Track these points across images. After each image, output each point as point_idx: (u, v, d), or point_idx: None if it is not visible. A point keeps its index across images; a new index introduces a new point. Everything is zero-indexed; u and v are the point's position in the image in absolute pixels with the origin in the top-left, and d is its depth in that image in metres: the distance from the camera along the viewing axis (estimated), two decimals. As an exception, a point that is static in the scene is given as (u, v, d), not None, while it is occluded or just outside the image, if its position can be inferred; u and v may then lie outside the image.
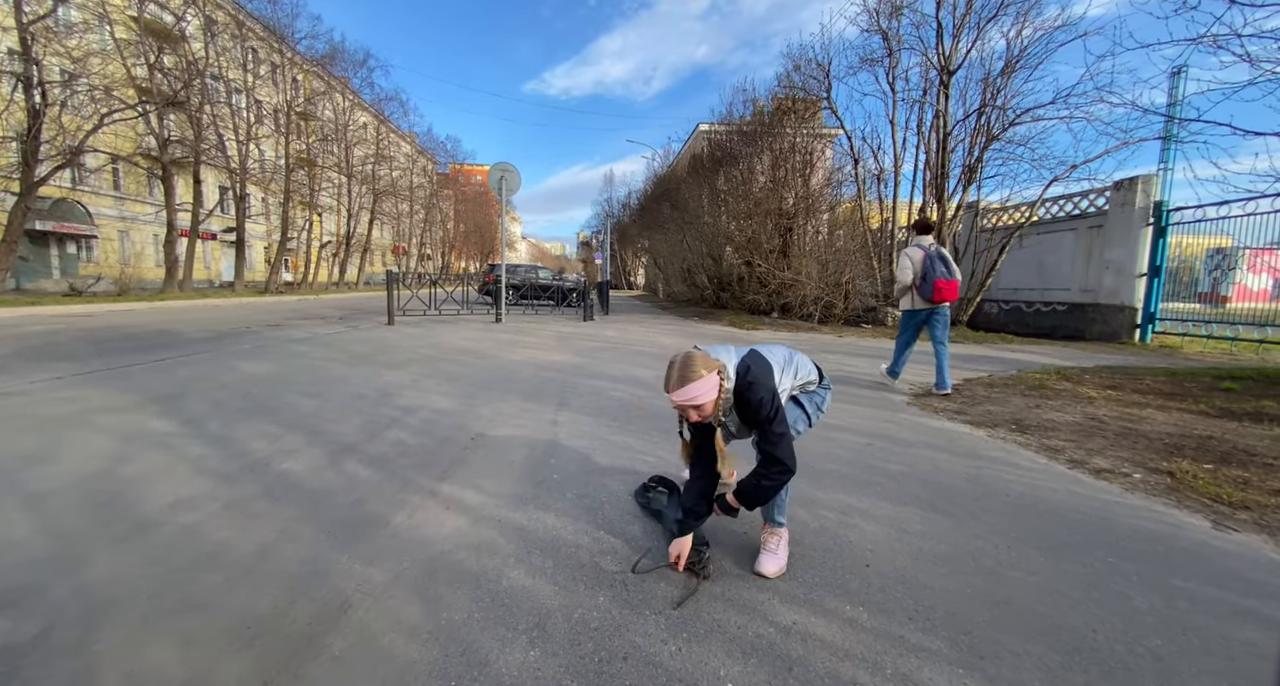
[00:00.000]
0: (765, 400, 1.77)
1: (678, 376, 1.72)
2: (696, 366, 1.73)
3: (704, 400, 1.72)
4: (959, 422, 4.02)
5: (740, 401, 1.80)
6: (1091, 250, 12.56)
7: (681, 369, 1.73)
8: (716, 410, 1.76)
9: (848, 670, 1.36)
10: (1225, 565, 1.99)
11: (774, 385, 1.83)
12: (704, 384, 1.71)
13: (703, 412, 1.75)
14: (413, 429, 3.44)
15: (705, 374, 1.72)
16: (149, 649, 1.38)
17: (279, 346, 7.16)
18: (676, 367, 1.74)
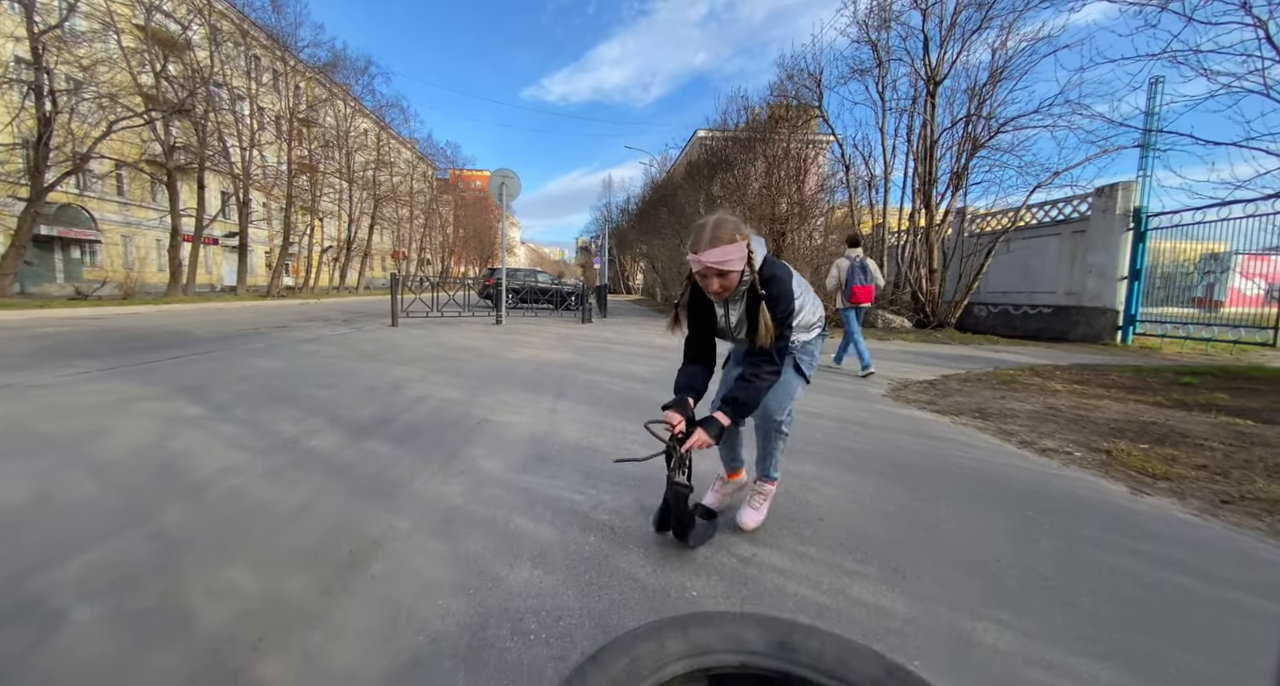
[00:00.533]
0: (784, 297, 1.71)
1: (711, 236, 1.62)
2: (730, 229, 1.64)
3: (732, 267, 1.63)
4: (927, 411, 4.35)
5: (760, 284, 1.70)
6: (1075, 254, 12.93)
7: (715, 229, 1.63)
8: (738, 285, 1.69)
9: (792, 586, 1.68)
10: (1129, 520, 2.31)
11: (792, 291, 1.77)
12: (736, 248, 1.62)
13: (726, 282, 1.67)
14: (423, 414, 3.75)
15: (739, 238, 1.63)
16: (225, 572, 1.70)
17: (289, 346, 7.48)
18: (709, 227, 1.64)
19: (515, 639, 1.40)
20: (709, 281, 1.69)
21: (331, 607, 1.52)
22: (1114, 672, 1.34)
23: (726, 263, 1.63)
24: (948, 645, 1.43)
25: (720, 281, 1.67)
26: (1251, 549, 2.08)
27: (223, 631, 1.40)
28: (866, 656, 1.04)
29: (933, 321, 12.93)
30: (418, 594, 1.59)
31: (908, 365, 7.30)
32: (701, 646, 1.07)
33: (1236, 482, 2.78)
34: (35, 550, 1.79)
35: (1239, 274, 10.82)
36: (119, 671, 1.26)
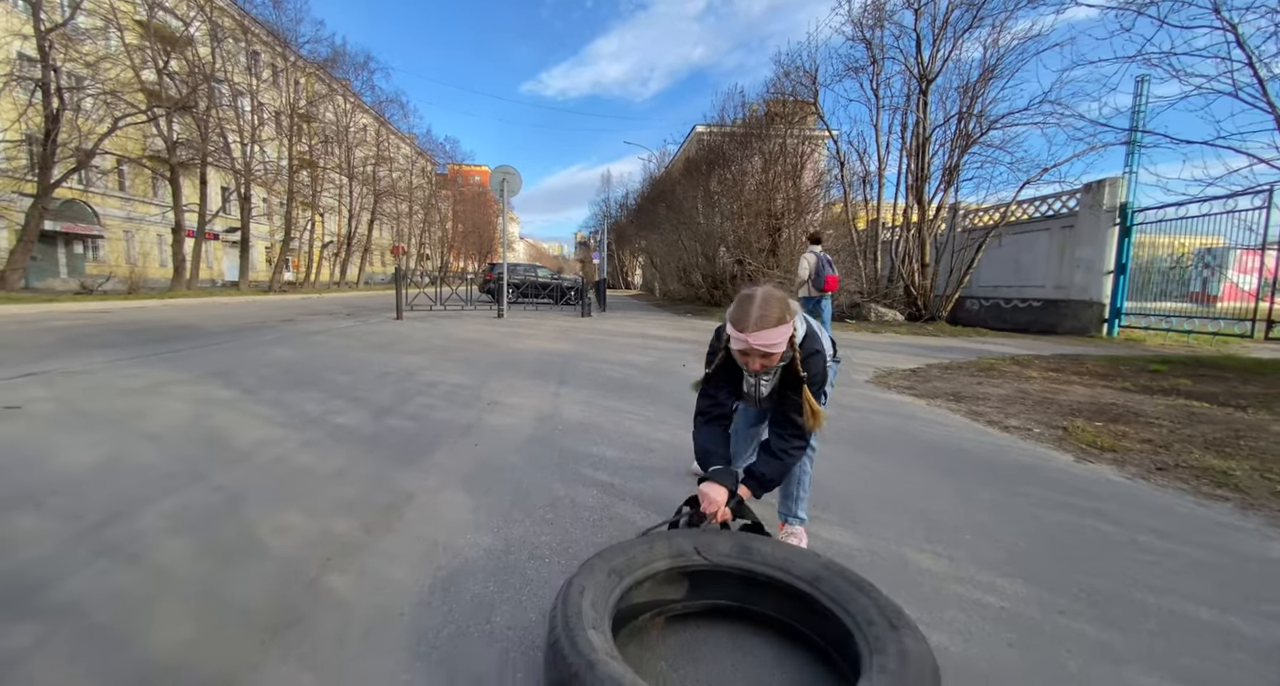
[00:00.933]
0: (821, 368, 1.63)
1: (759, 315, 1.51)
2: (779, 309, 1.53)
3: (778, 349, 1.54)
4: (905, 395, 4.66)
5: (807, 365, 1.61)
6: (1064, 249, 13.23)
7: (763, 307, 1.52)
8: (772, 361, 1.58)
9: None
10: (1067, 482, 2.62)
11: (826, 356, 1.70)
12: (785, 330, 1.53)
13: (769, 362, 1.58)
14: (437, 397, 4.05)
15: (787, 319, 1.54)
16: (281, 516, 2.00)
17: (300, 337, 7.77)
18: (757, 304, 1.53)
19: (532, 561, 1.70)
20: (751, 360, 1.59)
21: (379, 541, 1.82)
22: (1020, 586, 1.65)
23: (774, 345, 1.53)
24: (889, 567, 1.74)
25: (764, 362, 1.58)
26: (1169, 504, 2.39)
27: (294, 555, 1.71)
28: (808, 556, 1.36)
29: (925, 315, 13.24)
30: (450, 532, 1.89)
31: (895, 355, 7.61)
32: (682, 551, 1.39)
33: (1175, 454, 3.09)
34: (118, 500, 2.09)
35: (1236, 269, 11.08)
36: (218, 581, 1.56)
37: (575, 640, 0.99)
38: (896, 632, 1.05)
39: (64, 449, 2.68)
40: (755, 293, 1.57)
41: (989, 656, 1.33)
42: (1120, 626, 1.47)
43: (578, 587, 1.17)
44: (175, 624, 1.37)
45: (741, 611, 1.40)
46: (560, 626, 1.04)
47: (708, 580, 1.39)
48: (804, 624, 1.30)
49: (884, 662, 0.97)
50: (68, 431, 2.98)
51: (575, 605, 1.10)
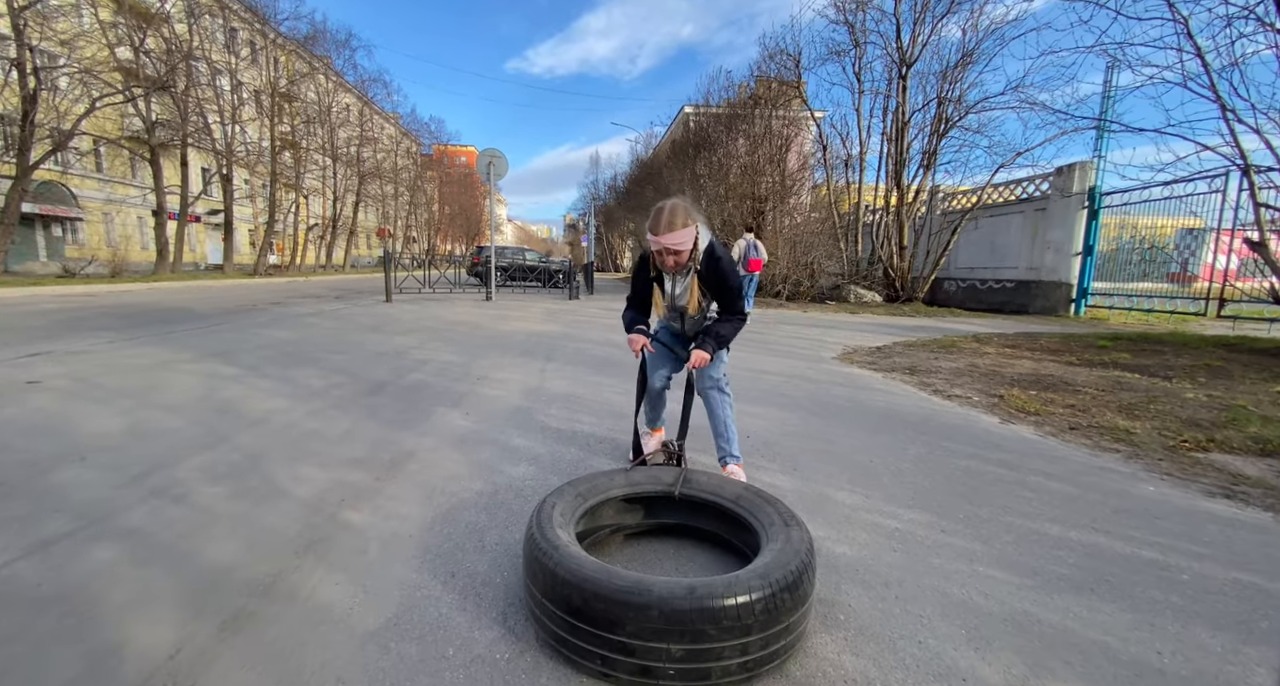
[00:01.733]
0: (731, 273, 2.09)
1: (667, 221, 1.93)
2: (682, 215, 1.96)
3: (683, 248, 1.96)
4: (865, 370, 5.04)
5: (712, 269, 2.07)
6: (1036, 231, 13.66)
7: (670, 214, 1.95)
8: (690, 261, 2.03)
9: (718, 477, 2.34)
10: (985, 439, 3.01)
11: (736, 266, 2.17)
12: (687, 233, 1.94)
13: (679, 259, 2.00)
14: (429, 373, 4.36)
15: (689, 224, 1.96)
16: (298, 469, 2.32)
17: (292, 319, 7.99)
18: (665, 213, 1.96)
19: (518, 499, 2.05)
20: (664, 258, 2.00)
21: (387, 487, 2.16)
22: (916, 514, 2.02)
23: (680, 244, 1.95)
24: (812, 503, 2.10)
25: (674, 259, 2.00)
26: (1066, 455, 2.78)
27: (315, 497, 2.04)
28: (734, 484, 1.71)
29: (902, 296, 13.67)
30: (446, 479, 2.23)
31: (867, 334, 8.00)
32: (636, 481, 1.73)
33: (1090, 416, 3.49)
34: (153, 456, 2.40)
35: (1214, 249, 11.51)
36: (254, 515, 1.88)
37: (545, 532, 1.34)
38: (787, 527, 1.42)
39: (92, 417, 2.96)
40: (665, 204, 1.99)
41: (877, 558, 1.70)
42: (985, 539, 1.84)
43: (550, 502, 1.52)
44: (224, 542, 1.70)
45: (684, 528, 1.77)
46: (534, 524, 1.39)
47: (656, 504, 1.76)
48: (731, 534, 1.67)
49: (774, 544, 1.34)
50: (91, 402, 3.26)
51: (547, 512, 1.45)
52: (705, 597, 1.11)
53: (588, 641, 1.15)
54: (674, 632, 1.09)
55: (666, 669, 1.11)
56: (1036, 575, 1.62)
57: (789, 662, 1.22)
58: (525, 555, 1.35)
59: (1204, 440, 2.99)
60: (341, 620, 1.34)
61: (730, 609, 1.11)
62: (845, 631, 1.34)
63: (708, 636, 1.10)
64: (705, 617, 1.10)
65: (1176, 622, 1.41)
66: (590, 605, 1.14)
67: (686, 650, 1.10)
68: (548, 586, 1.21)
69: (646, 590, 1.13)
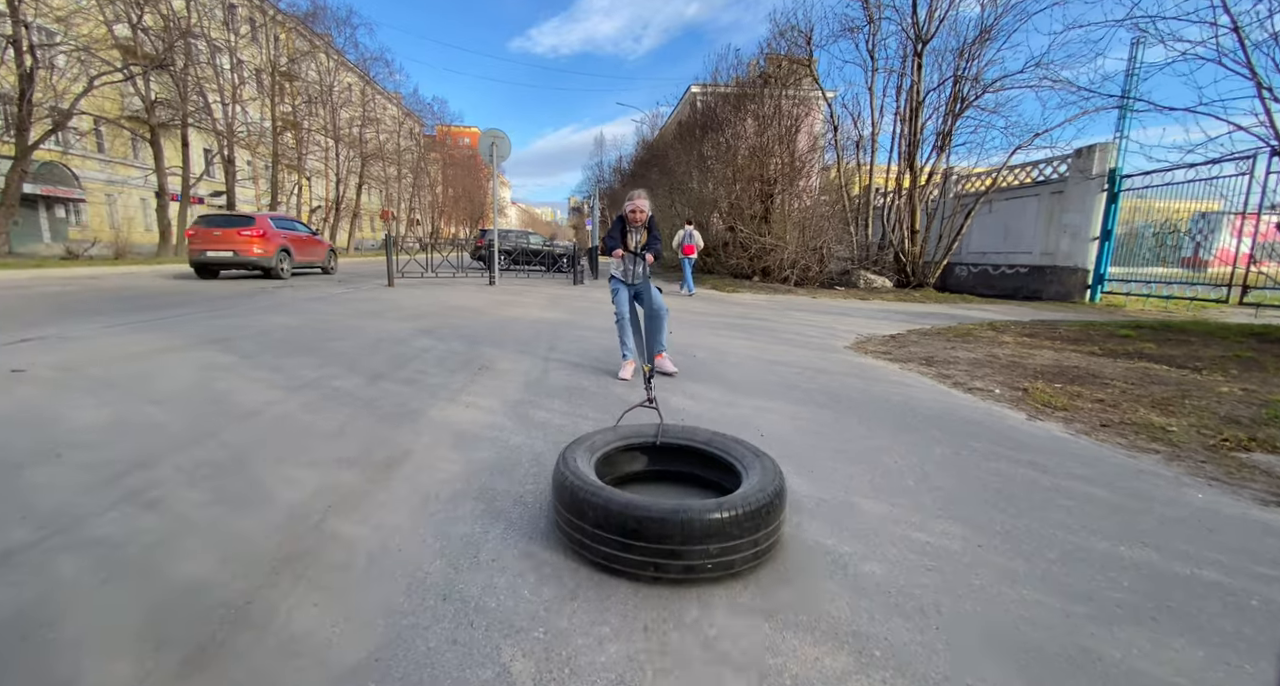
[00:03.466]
0: (657, 227, 4.09)
1: (640, 195, 3.99)
2: (647, 195, 4.05)
3: (645, 211, 3.94)
4: (880, 360, 4.86)
5: (650, 224, 4.01)
6: (1052, 215, 13.31)
7: (639, 195, 4.01)
8: (642, 221, 3.93)
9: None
10: (1014, 437, 2.84)
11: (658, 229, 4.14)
12: (646, 204, 3.97)
13: (640, 217, 3.92)
14: (429, 363, 4.22)
15: (647, 198, 4.02)
16: (285, 469, 2.18)
17: (295, 304, 7.85)
18: (640, 193, 4.01)
19: (517, 507, 1.91)
20: (634, 215, 3.93)
21: (378, 491, 2.02)
22: (948, 525, 1.87)
23: (643, 208, 3.95)
24: (835, 511, 1.95)
25: (639, 216, 3.93)
26: (1101, 456, 2.61)
27: (300, 502, 1.90)
28: (705, 432, 2.08)
29: (913, 281, 13.39)
30: (441, 482, 2.09)
31: (879, 322, 7.80)
32: (626, 435, 2.02)
33: (1122, 412, 3.31)
34: (130, 456, 2.26)
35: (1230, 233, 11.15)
36: (232, 523, 1.75)
37: (572, 468, 1.68)
38: (759, 458, 1.80)
39: (75, 408, 2.83)
40: (638, 190, 4.06)
41: (911, 579, 1.55)
42: (1026, 556, 1.68)
43: (570, 453, 1.80)
44: (197, 557, 1.56)
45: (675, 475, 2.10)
46: (562, 465, 1.71)
47: (646, 451, 2.08)
48: (709, 473, 1.99)
49: (754, 470, 1.73)
50: (77, 392, 3.13)
51: (570, 458, 1.75)
52: (731, 508, 1.48)
53: (641, 553, 1.46)
54: (711, 536, 1.44)
55: (706, 565, 1.45)
56: (1090, 600, 1.46)
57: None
58: (556, 490, 1.68)
59: (1245, 439, 2.81)
60: (318, 652, 1.20)
61: (748, 514, 1.48)
62: (883, 672, 1.19)
63: (733, 536, 1.46)
64: (732, 523, 1.45)
65: (1253, 659, 1.26)
66: (645, 526, 1.44)
67: (720, 547, 1.45)
68: (601, 519, 1.50)
69: (687, 509, 1.46)
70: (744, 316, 8.04)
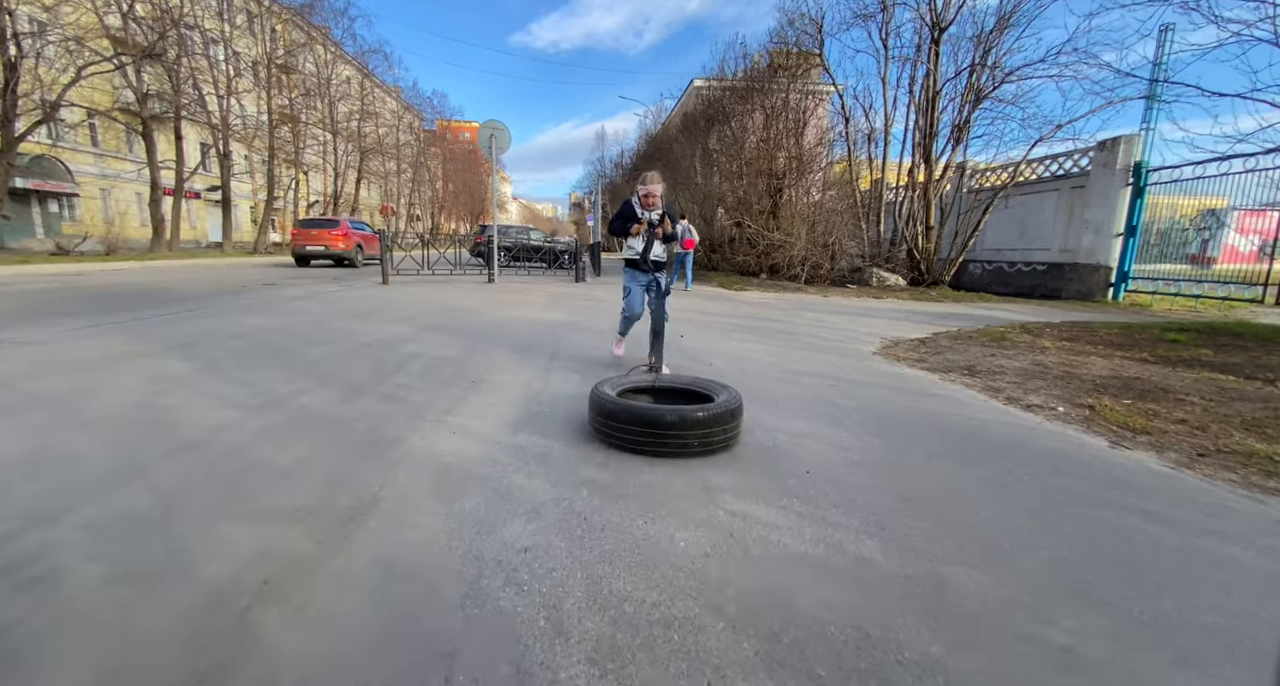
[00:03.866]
0: (678, 217, 3.77)
1: (653, 178, 3.67)
2: (659, 177, 3.73)
3: (657, 194, 3.63)
4: (917, 368, 4.40)
5: (668, 208, 3.75)
6: (1073, 210, 12.80)
7: (653, 176, 3.70)
8: (659, 203, 3.66)
9: (776, 536, 1.74)
10: (1106, 472, 2.38)
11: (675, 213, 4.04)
12: (660, 187, 3.65)
13: (652, 201, 3.63)
14: (416, 373, 3.77)
15: (662, 183, 3.72)
16: (219, 525, 1.74)
17: (280, 303, 7.41)
18: (652, 175, 3.69)
19: (507, 588, 1.45)
20: (648, 199, 3.63)
21: (331, 559, 1.56)
22: (1078, 612, 1.42)
23: (655, 191, 3.63)
24: (924, 593, 1.49)
25: (651, 199, 3.64)
26: (1221, 499, 2.15)
27: (226, 580, 1.45)
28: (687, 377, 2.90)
29: (927, 279, 12.91)
30: (414, 547, 1.64)
31: (900, 323, 7.33)
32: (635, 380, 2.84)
33: (1214, 437, 2.86)
34: (33, 505, 1.82)
35: (1235, 230, 10.74)
36: (123, 624, 1.30)
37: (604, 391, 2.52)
38: (725, 388, 2.64)
39: (-10, 438, 2.39)
40: (649, 172, 3.75)
41: (1057, 717, 1.10)
42: (1199, 665, 1.23)
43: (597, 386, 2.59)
44: (63, 677, 1.12)
45: None
46: (596, 390, 2.54)
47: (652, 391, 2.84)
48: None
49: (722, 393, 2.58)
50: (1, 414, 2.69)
51: (599, 388, 2.56)
52: (712, 409, 2.35)
53: (653, 438, 2.31)
54: (697, 427, 2.30)
55: (693, 444, 2.31)
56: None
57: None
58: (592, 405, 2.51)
59: (1379, 474, 2.36)
60: None
61: (721, 413, 2.36)
62: None
63: (711, 427, 2.33)
64: (712, 419, 2.33)
65: None
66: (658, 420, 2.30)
67: (701, 433, 2.31)
68: (631, 417, 2.33)
69: (685, 411, 2.32)
70: (756, 317, 7.59)
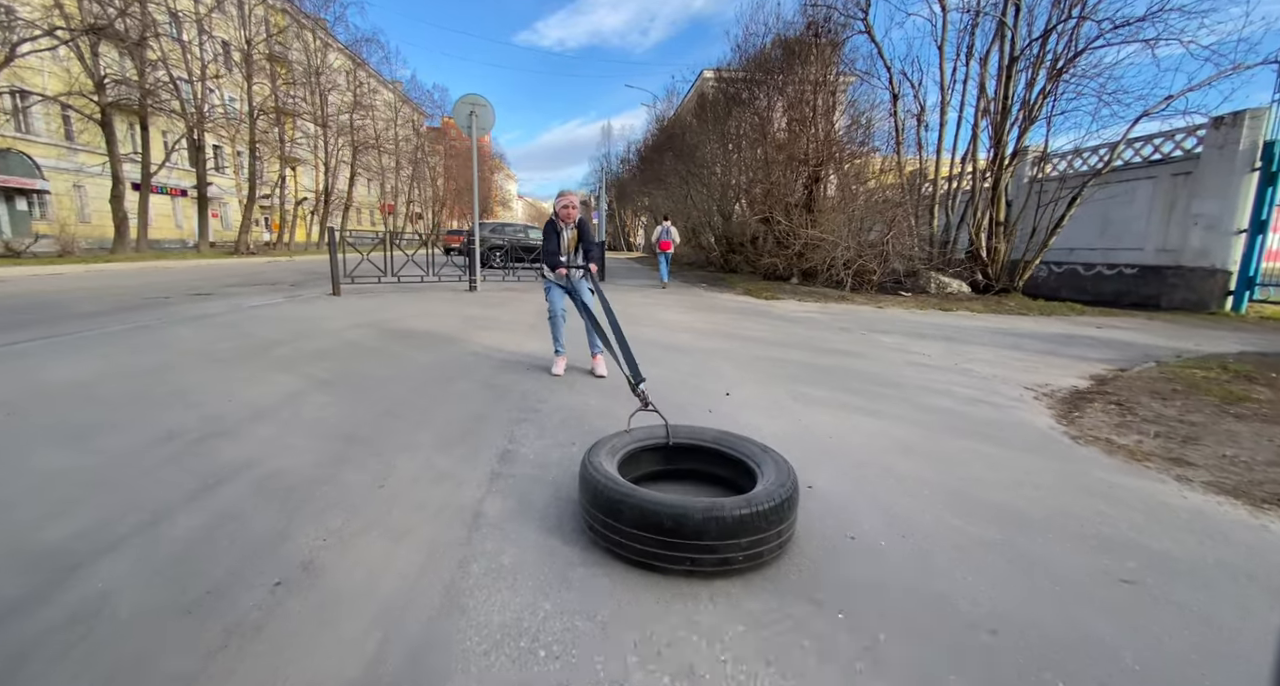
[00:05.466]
0: (593, 231, 4.13)
1: (567, 191, 3.97)
2: (576, 195, 4.07)
3: (575, 209, 3.92)
4: (1199, 490, 2.30)
5: (583, 226, 3.96)
6: (1174, 202, 10.60)
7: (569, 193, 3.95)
8: (574, 218, 3.90)
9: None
10: None
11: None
12: (576, 200, 3.97)
13: (571, 215, 3.88)
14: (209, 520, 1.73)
15: (577, 197, 4.06)
16: None
17: (163, 328, 5.42)
18: (568, 192, 3.96)
19: None
20: (568, 212, 3.88)
21: None
22: None
23: (574, 204, 3.93)
24: None
25: (571, 212, 3.90)
26: None
27: None
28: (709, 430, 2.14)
29: (996, 285, 10.75)
30: None
31: (1019, 355, 5.23)
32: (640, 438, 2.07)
33: None
34: None
35: None
36: None
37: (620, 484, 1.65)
38: (767, 452, 1.92)
39: None
40: (568, 189, 4.04)
41: None
42: None
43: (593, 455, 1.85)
44: None
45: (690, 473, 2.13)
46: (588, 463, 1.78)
47: (660, 451, 2.09)
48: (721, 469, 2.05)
49: (768, 465, 1.83)
50: None
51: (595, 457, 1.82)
52: (759, 503, 1.58)
53: (677, 549, 1.54)
54: (743, 532, 1.53)
55: (739, 557, 1.55)
56: None
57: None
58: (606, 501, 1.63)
59: None
60: None
61: (775, 508, 1.58)
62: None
63: (761, 529, 1.56)
64: (761, 517, 1.56)
65: None
66: (681, 524, 1.52)
67: (751, 540, 1.55)
68: (637, 518, 1.56)
69: (721, 507, 1.54)
70: (811, 344, 5.52)
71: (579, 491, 1.80)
